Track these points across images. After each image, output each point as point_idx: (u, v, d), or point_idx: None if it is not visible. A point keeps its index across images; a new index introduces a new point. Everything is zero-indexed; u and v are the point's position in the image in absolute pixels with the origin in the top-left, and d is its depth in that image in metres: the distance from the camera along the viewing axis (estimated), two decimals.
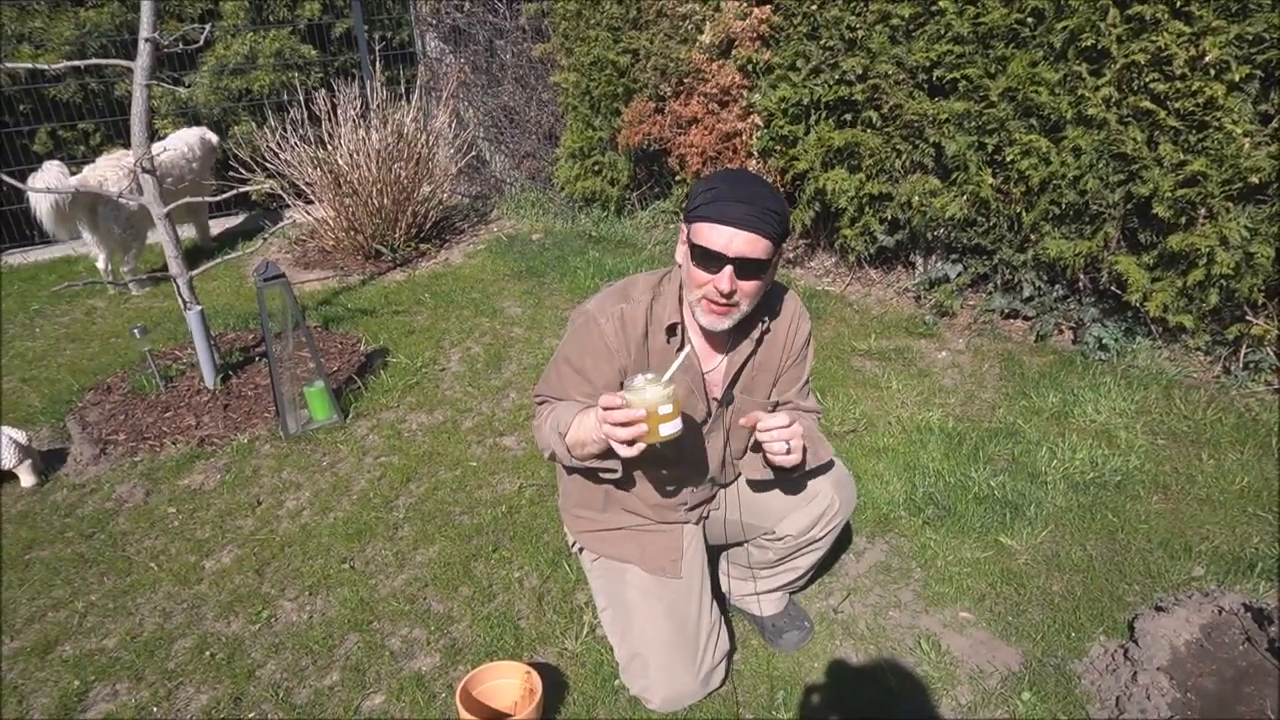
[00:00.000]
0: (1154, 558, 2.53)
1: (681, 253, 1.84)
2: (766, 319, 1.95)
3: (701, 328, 1.87)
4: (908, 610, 2.41)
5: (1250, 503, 2.74)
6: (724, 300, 1.75)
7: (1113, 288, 3.67)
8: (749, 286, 1.75)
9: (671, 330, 1.89)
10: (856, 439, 3.20)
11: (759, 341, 1.96)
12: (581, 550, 2.24)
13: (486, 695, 2.05)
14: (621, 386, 1.82)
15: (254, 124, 6.15)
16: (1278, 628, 2.14)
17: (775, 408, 2.05)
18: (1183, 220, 3.30)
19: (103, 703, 2.21)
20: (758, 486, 2.10)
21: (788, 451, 1.78)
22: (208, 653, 2.35)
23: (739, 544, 2.28)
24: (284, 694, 2.21)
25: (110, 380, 3.88)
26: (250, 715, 2.15)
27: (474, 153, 6.39)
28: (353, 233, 5.28)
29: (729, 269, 1.70)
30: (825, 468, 2.06)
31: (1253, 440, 3.05)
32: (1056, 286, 3.91)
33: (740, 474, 2.16)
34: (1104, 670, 2.15)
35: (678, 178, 5.16)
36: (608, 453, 1.75)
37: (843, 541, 2.63)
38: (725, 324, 1.80)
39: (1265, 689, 2.01)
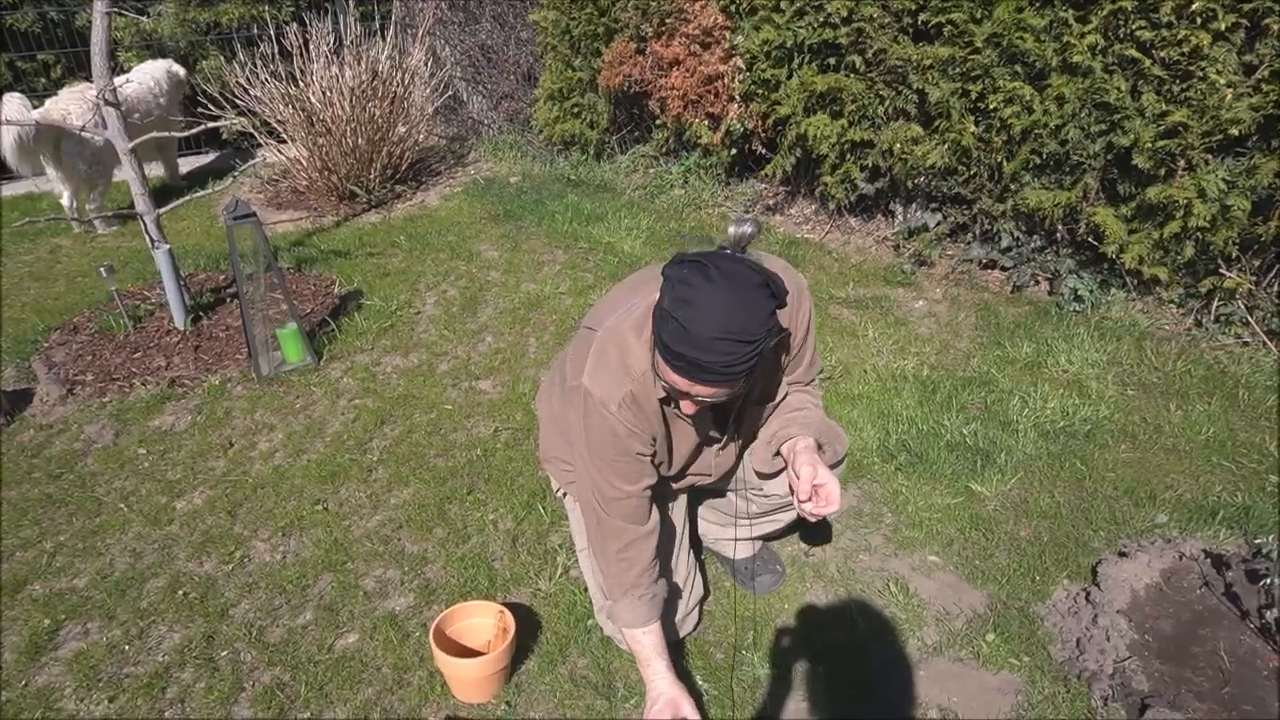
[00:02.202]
0: (1120, 505, 2.57)
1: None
2: None
3: None
4: (877, 554, 2.45)
5: (1215, 452, 2.79)
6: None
7: (1090, 239, 3.67)
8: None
9: (666, 400, 1.76)
10: (832, 386, 3.22)
11: None
12: (565, 495, 2.24)
13: (460, 634, 2.07)
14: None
15: (223, 59, 5.97)
16: (1234, 573, 2.20)
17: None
18: (1162, 172, 3.30)
19: (74, 641, 2.21)
20: (764, 476, 2.06)
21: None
22: (180, 592, 2.35)
23: (720, 493, 2.28)
24: (257, 633, 2.22)
25: (77, 320, 3.81)
26: (223, 654, 2.16)
27: (450, 93, 6.25)
28: (326, 173, 5.17)
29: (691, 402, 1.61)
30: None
31: (1220, 392, 3.09)
32: (1034, 237, 3.91)
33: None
34: (1066, 613, 2.20)
35: (658, 121, 5.07)
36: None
37: None
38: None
39: (1219, 631, 2.08)
